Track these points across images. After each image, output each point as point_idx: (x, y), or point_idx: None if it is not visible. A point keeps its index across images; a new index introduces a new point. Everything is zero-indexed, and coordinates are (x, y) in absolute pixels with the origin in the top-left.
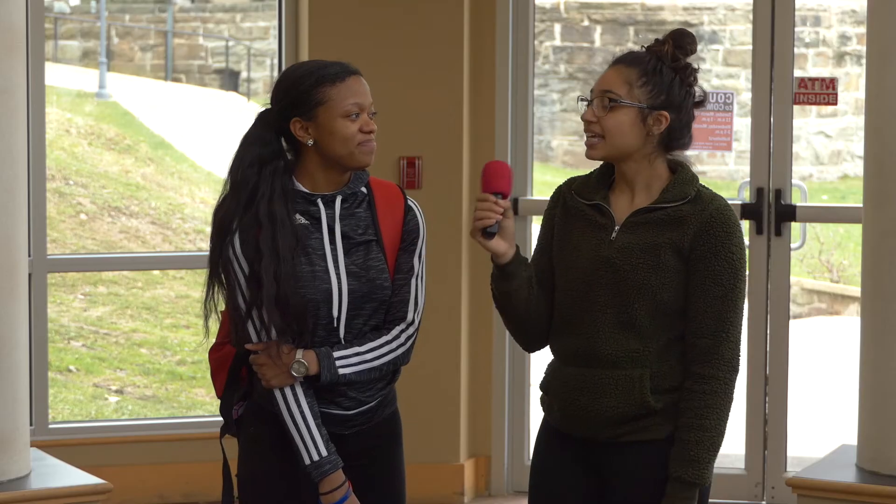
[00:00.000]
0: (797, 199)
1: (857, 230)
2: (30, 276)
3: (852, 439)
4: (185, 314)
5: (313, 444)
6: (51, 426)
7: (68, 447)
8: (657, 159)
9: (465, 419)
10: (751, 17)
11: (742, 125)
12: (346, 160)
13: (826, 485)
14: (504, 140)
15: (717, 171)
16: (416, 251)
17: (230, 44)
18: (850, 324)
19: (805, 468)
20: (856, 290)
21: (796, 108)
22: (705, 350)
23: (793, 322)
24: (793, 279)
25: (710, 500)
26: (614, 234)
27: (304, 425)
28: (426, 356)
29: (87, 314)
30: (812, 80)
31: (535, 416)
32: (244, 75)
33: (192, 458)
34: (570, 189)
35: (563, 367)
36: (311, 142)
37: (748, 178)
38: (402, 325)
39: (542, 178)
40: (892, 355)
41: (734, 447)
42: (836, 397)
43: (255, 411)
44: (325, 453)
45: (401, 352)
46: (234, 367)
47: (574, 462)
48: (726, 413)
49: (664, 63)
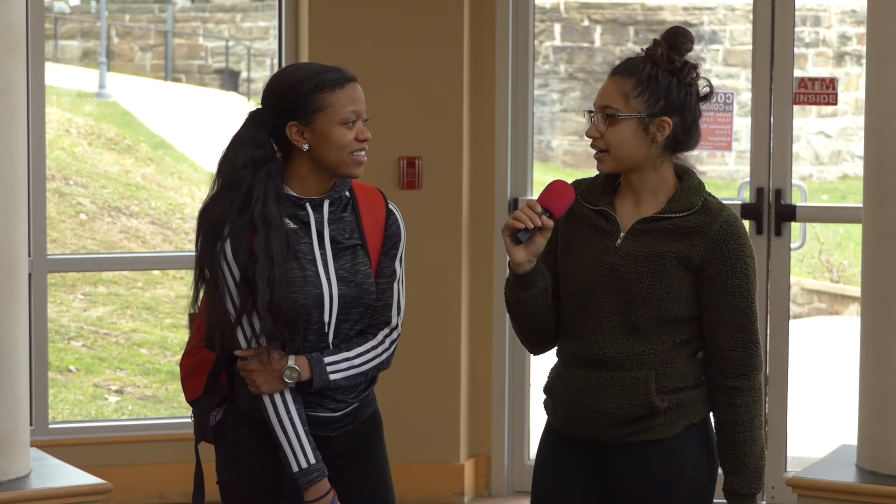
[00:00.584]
0: (797, 199)
1: (857, 230)
2: (30, 276)
3: (852, 439)
4: (185, 314)
5: (301, 451)
6: (51, 426)
7: (68, 447)
8: (664, 164)
9: (465, 419)
10: (751, 17)
11: (742, 125)
12: (337, 168)
13: (826, 485)
14: (504, 140)
15: (717, 171)
16: (398, 255)
17: (230, 44)
18: (850, 324)
19: (805, 468)
20: (856, 290)
21: (796, 108)
22: (738, 363)
23: (793, 322)
24: (793, 279)
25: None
26: (619, 242)
27: (293, 432)
28: (426, 356)
29: (87, 314)
30: (812, 80)
31: (535, 416)
32: (244, 75)
33: (191, 458)
34: (577, 193)
35: (568, 369)
36: (305, 147)
37: (748, 178)
38: (387, 330)
39: (542, 178)
40: (892, 355)
41: None
42: (836, 397)
43: (237, 417)
44: (312, 461)
45: (385, 356)
46: (213, 372)
47: (578, 464)
48: (763, 416)
49: (660, 67)
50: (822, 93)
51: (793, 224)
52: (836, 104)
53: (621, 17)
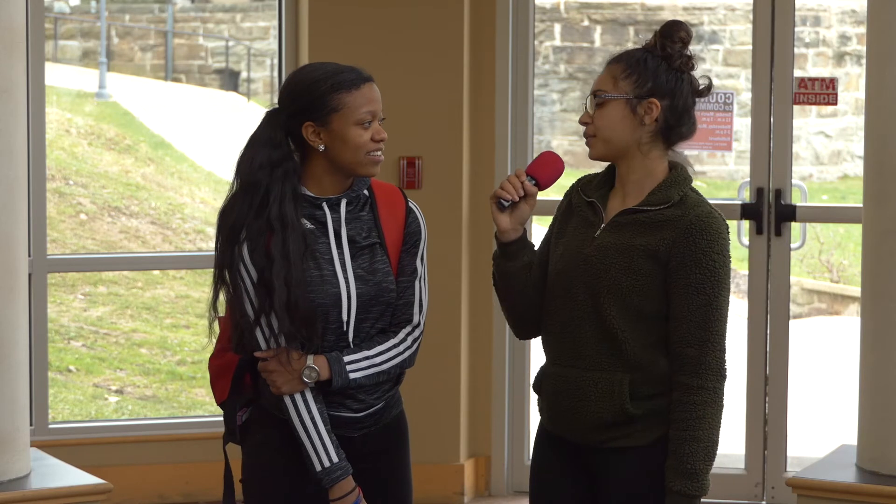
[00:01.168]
0: (797, 199)
1: (857, 230)
2: (30, 276)
3: (852, 439)
4: (185, 314)
5: (324, 450)
6: (51, 426)
7: (68, 447)
8: (653, 151)
9: (465, 419)
10: (751, 17)
11: (742, 125)
12: (354, 168)
13: (826, 485)
14: (504, 140)
15: (717, 171)
16: (419, 253)
17: (230, 44)
18: (850, 324)
19: (805, 468)
20: (856, 290)
21: (796, 108)
22: (691, 360)
23: (793, 322)
24: (793, 279)
25: (711, 501)
26: (598, 233)
27: (314, 432)
28: (426, 356)
29: (87, 314)
30: (812, 80)
31: (535, 416)
32: (244, 75)
33: (192, 458)
34: (579, 186)
35: (551, 366)
36: (322, 147)
37: (748, 178)
38: (409, 328)
39: None
40: (892, 355)
41: (734, 447)
42: (836, 397)
43: (261, 417)
44: (335, 459)
45: (408, 354)
46: (237, 374)
47: (568, 464)
48: (718, 421)
49: (651, 53)
50: (822, 93)
51: (793, 224)
52: (836, 104)
53: (621, 17)
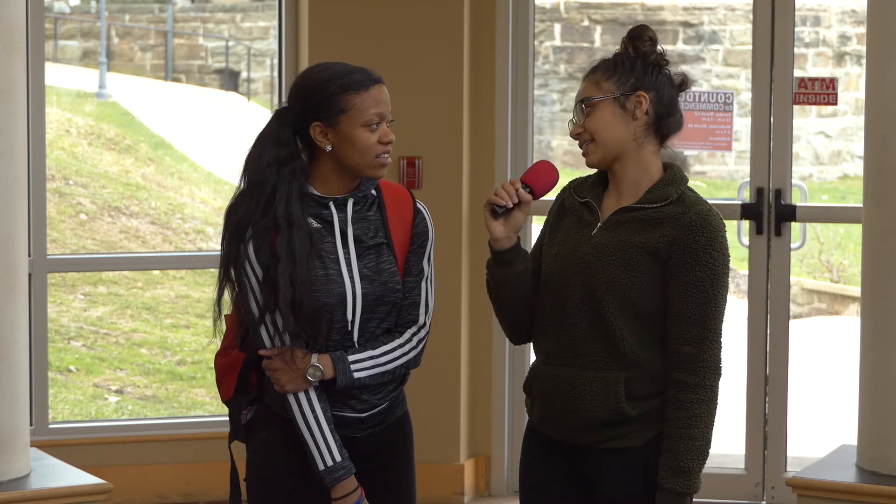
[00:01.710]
0: (797, 199)
1: (857, 230)
2: (30, 276)
3: (852, 439)
4: (185, 314)
5: (327, 449)
6: (51, 426)
7: (68, 447)
8: (647, 146)
9: (465, 419)
10: (751, 17)
11: (742, 125)
12: (360, 170)
13: (826, 485)
14: (504, 140)
15: (717, 171)
16: (426, 254)
17: (230, 44)
18: (850, 324)
19: (805, 468)
20: (856, 290)
21: (796, 108)
22: (689, 358)
23: (793, 322)
24: (793, 279)
25: (711, 501)
26: (595, 231)
27: (317, 430)
28: (427, 356)
29: (87, 314)
30: (812, 80)
31: None
32: (244, 75)
33: (192, 458)
34: (571, 187)
35: (543, 366)
36: (329, 147)
37: (748, 178)
38: (414, 329)
39: None
40: (892, 355)
41: (734, 447)
42: (836, 397)
43: (266, 415)
44: (338, 459)
45: (413, 355)
46: (242, 371)
47: (559, 466)
48: (713, 420)
49: (625, 56)
50: (822, 93)
51: (793, 224)
52: (836, 104)
53: (621, 17)
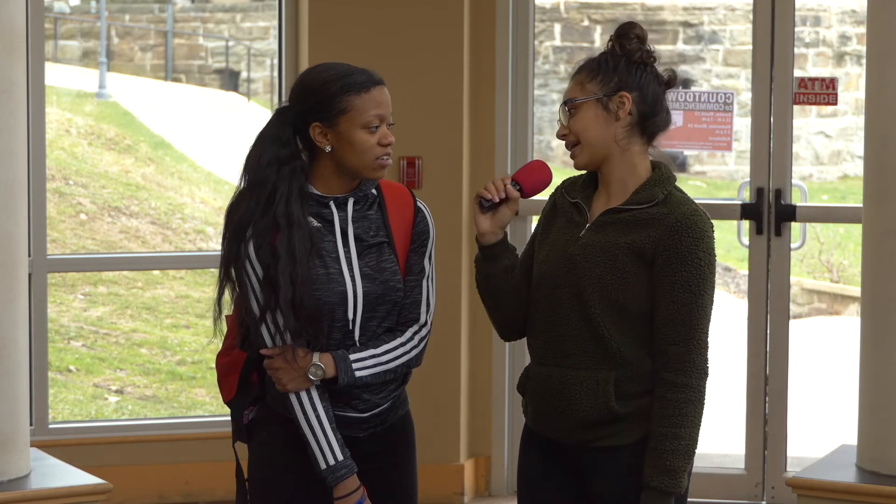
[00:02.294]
0: (797, 199)
1: (857, 230)
2: (30, 276)
3: (852, 439)
4: (185, 314)
5: (329, 448)
6: (51, 426)
7: (68, 447)
8: (633, 147)
9: (465, 419)
10: (751, 17)
11: (742, 125)
12: (360, 171)
13: (826, 485)
14: (504, 140)
15: (717, 171)
16: (427, 252)
17: (230, 44)
18: (850, 324)
19: (805, 468)
20: (856, 290)
21: (796, 108)
22: (677, 357)
23: (793, 322)
24: (793, 279)
25: (711, 501)
26: (583, 232)
27: (319, 430)
28: (427, 356)
29: (87, 314)
30: (812, 80)
31: None
32: (244, 75)
33: (192, 458)
34: (563, 188)
35: (535, 366)
36: (328, 148)
37: (748, 178)
38: (416, 327)
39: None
40: (892, 355)
41: (734, 447)
42: (836, 397)
43: (267, 415)
44: (340, 458)
45: (414, 353)
46: (244, 371)
47: (554, 465)
48: (699, 420)
49: (609, 54)
50: (822, 93)
51: (793, 224)
52: (836, 104)
53: (621, 17)
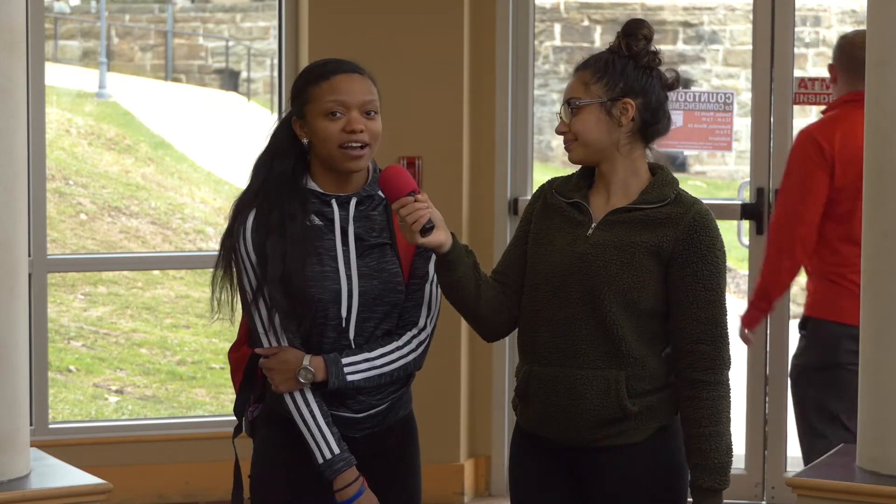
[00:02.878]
0: None
1: None
2: (30, 276)
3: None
4: (185, 314)
5: (325, 442)
6: (51, 426)
7: (68, 447)
8: (634, 151)
9: (465, 419)
10: (751, 17)
11: (742, 125)
12: (332, 162)
13: (826, 485)
14: (504, 140)
15: (717, 171)
16: (431, 257)
17: (230, 44)
18: None
19: (805, 468)
20: None
21: (796, 108)
22: (707, 356)
23: (793, 322)
24: None
25: None
26: (591, 231)
27: (314, 425)
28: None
29: (87, 314)
30: (812, 80)
31: None
32: (244, 75)
33: (192, 458)
34: (552, 187)
35: (540, 367)
36: (305, 140)
37: (748, 178)
38: (414, 331)
39: (541, 178)
40: (892, 355)
41: (734, 447)
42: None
43: (268, 413)
44: (336, 451)
45: (412, 357)
46: (248, 369)
47: (553, 466)
48: (730, 413)
49: (616, 54)
50: (822, 93)
51: None
52: None
53: (621, 17)
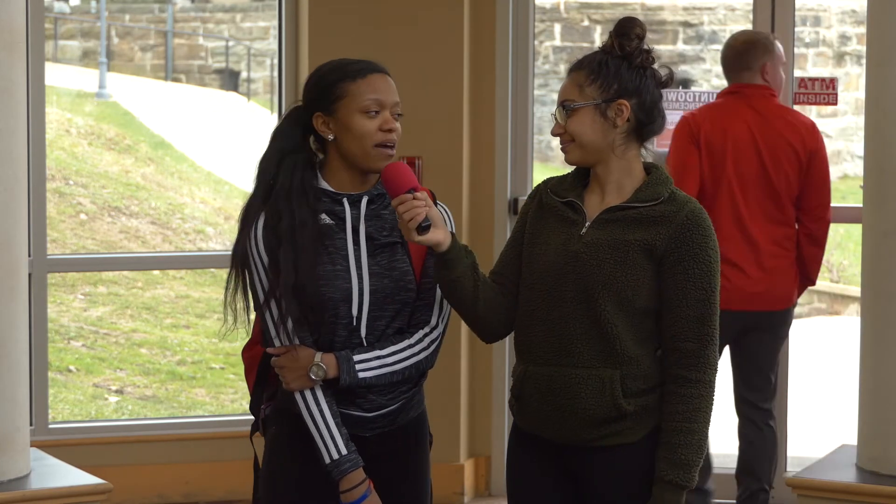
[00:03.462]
0: None
1: (857, 230)
2: (30, 276)
3: (852, 439)
4: (185, 314)
5: (333, 442)
6: (51, 426)
7: (68, 447)
8: (629, 151)
9: (465, 419)
10: (751, 17)
11: None
12: (362, 160)
13: (826, 485)
14: (504, 140)
15: None
16: None
17: (230, 44)
18: (850, 324)
19: (805, 468)
20: (856, 290)
21: (796, 107)
22: (692, 354)
23: (793, 322)
24: None
25: (711, 500)
26: (584, 230)
27: (323, 425)
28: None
29: (87, 314)
30: (812, 80)
31: None
32: (244, 75)
33: (192, 458)
34: (547, 187)
35: (536, 367)
36: (331, 136)
37: None
38: (426, 329)
39: (541, 178)
40: (892, 355)
41: (734, 447)
42: (836, 397)
43: (279, 412)
44: (344, 452)
45: (424, 356)
46: (261, 367)
47: (550, 467)
48: (710, 415)
49: (610, 55)
50: (822, 93)
51: None
52: (836, 104)
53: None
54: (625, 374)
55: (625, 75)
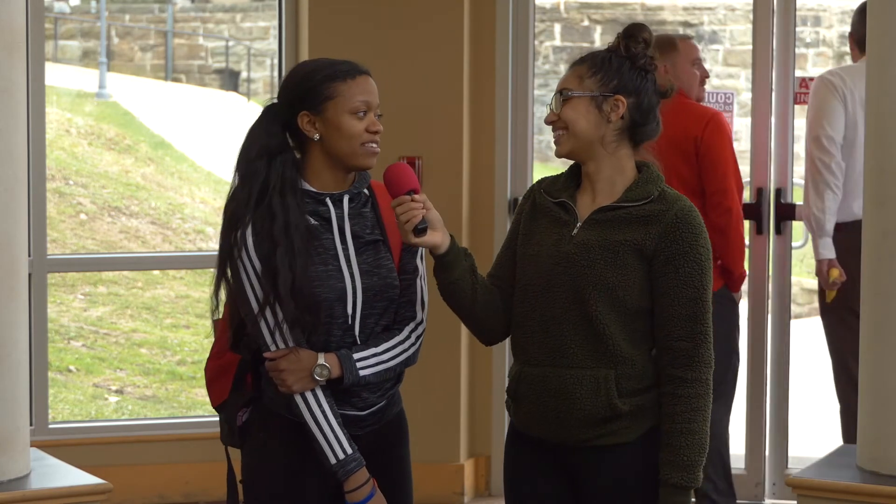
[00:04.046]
0: (798, 199)
1: None
2: (30, 276)
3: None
4: (185, 314)
5: (337, 443)
6: (51, 426)
7: (68, 447)
8: (620, 149)
9: (465, 419)
10: (751, 17)
11: (742, 125)
12: (349, 159)
13: (826, 485)
14: (504, 140)
15: None
16: (419, 252)
17: (230, 44)
18: None
19: (805, 468)
20: None
21: (796, 107)
22: (686, 353)
23: (793, 322)
24: (793, 279)
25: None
26: (575, 231)
27: (326, 426)
28: (426, 356)
29: (87, 314)
30: (812, 80)
31: None
32: (244, 75)
33: (192, 458)
34: (541, 187)
35: (530, 368)
36: (316, 136)
37: (748, 178)
38: (412, 325)
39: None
40: (892, 355)
41: (734, 447)
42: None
43: (262, 417)
44: (349, 451)
45: (412, 351)
46: (238, 374)
47: (547, 467)
48: (709, 413)
49: (615, 54)
50: None
51: (793, 223)
52: None
53: (621, 17)
54: (619, 374)
55: (626, 74)
